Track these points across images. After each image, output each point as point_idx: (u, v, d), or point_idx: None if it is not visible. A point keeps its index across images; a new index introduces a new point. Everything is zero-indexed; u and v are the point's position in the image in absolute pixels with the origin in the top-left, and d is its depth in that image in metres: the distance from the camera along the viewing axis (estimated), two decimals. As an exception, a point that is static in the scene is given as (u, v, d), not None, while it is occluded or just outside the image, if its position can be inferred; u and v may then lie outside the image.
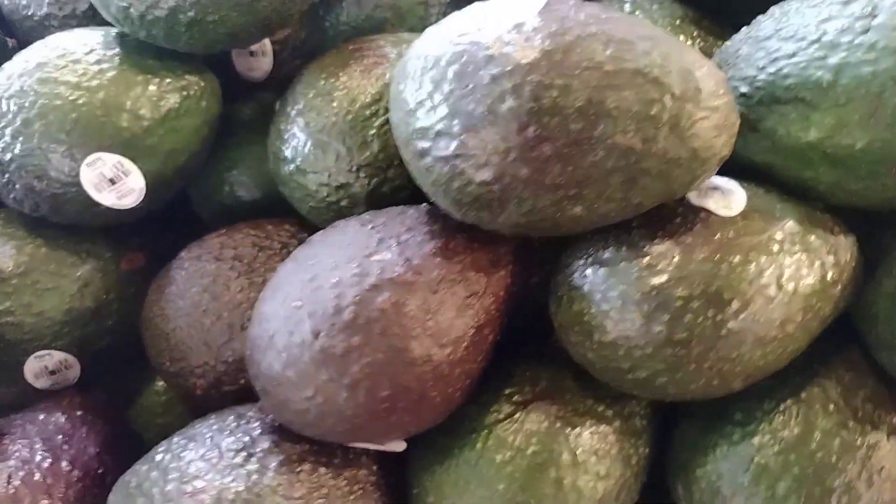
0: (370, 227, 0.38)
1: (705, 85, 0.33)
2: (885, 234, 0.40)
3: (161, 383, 0.52)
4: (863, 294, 0.40)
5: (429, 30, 0.36)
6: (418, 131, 0.34)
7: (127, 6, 0.41)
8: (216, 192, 0.52)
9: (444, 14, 0.51)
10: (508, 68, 0.32)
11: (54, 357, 0.46)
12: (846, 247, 0.38)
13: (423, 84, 0.34)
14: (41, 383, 0.47)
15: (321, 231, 0.40)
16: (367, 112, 0.42)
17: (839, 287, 0.38)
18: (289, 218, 0.48)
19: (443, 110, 0.33)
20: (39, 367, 0.46)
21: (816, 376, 0.40)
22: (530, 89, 0.31)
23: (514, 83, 0.32)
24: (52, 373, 0.47)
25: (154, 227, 0.52)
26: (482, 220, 0.36)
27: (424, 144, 0.34)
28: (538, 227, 0.35)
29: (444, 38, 0.34)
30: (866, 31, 0.35)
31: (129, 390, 0.52)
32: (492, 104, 0.32)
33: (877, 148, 0.35)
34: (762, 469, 0.38)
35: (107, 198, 0.43)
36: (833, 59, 0.35)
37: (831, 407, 0.39)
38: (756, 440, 0.39)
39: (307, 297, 0.35)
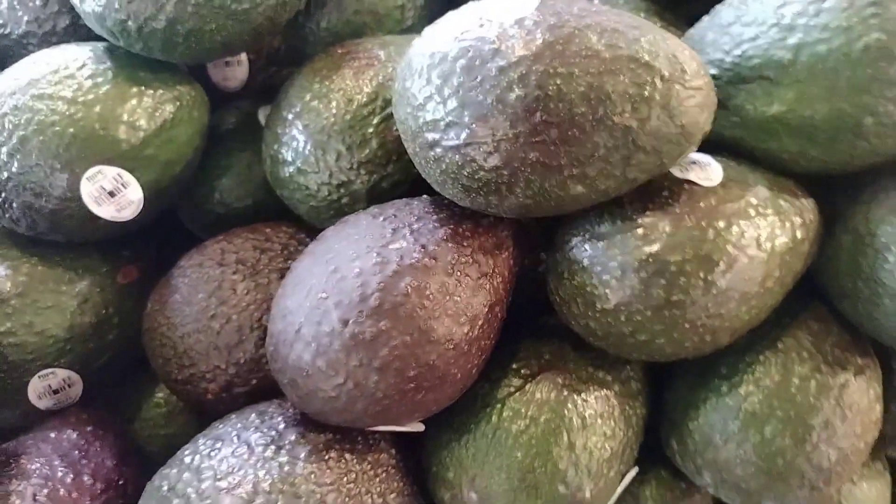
0: (381, 218, 0.40)
1: (689, 67, 0.36)
2: (838, 196, 0.45)
3: (161, 395, 0.52)
4: (823, 251, 0.44)
5: (429, 29, 0.38)
6: (428, 124, 0.36)
7: (125, 19, 0.41)
8: (206, 202, 0.52)
9: (419, 17, 0.54)
10: (514, 60, 0.34)
11: (58, 375, 0.46)
12: (809, 208, 0.43)
13: (431, 79, 0.36)
14: (44, 403, 0.46)
15: (332, 227, 0.41)
16: (365, 111, 0.44)
17: (807, 244, 0.42)
18: (283, 220, 0.49)
19: (452, 103, 0.35)
20: (43, 386, 0.46)
21: (789, 328, 0.44)
22: (536, 78, 0.34)
23: (521, 73, 0.34)
24: (56, 392, 0.46)
25: (142, 239, 0.52)
26: (490, 203, 0.38)
27: (435, 136, 0.36)
28: (542, 207, 0.38)
29: (448, 35, 0.36)
30: (819, 13, 0.39)
31: (128, 404, 0.52)
32: (500, 94, 0.34)
33: (834, 117, 0.39)
34: (750, 415, 0.42)
35: (106, 211, 0.44)
36: (792, 40, 0.39)
37: (805, 354, 0.43)
38: (742, 390, 0.43)
39: (332, 288, 0.37)
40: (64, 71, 0.43)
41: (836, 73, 0.38)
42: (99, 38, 0.46)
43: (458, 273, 0.38)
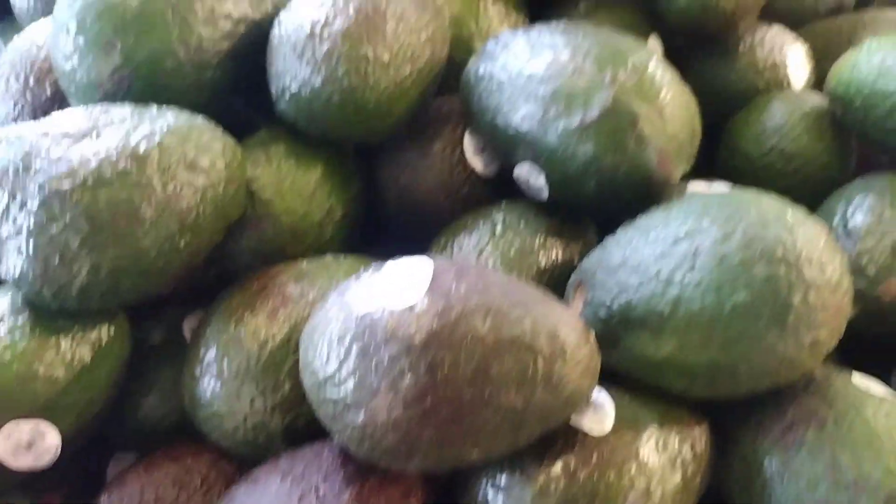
0: (290, 479, 0.41)
1: (569, 342, 0.39)
2: (729, 417, 0.47)
3: None
4: (719, 471, 0.46)
5: (332, 301, 0.41)
6: (328, 401, 0.38)
7: (39, 289, 0.43)
8: (130, 419, 0.53)
9: (339, 229, 0.57)
10: (404, 348, 0.37)
11: None
12: (701, 435, 0.45)
13: (329, 359, 0.38)
14: None
15: (242, 486, 0.42)
16: (277, 356, 0.46)
17: (699, 477, 0.44)
18: (208, 443, 0.50)
19: (350, 385, 0.37)
20: None
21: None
22: (425, 365, 0.36)
23: (411, 361, 0.36)
24: None
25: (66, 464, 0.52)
26: (392, 467, 0.40)
27: (336, 412, 0.38)
28: (442, 468, 0.40)
29: (346, 316, 0.39)
30: (693, 269, 0.42)
31: None
32: (393, 380, 0.37)
33: (712, 365, 0.42)
34: None
35: (24, 462, 0.44)
36: (669, 295, 0.43)
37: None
38: None
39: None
40: (-18, 328, 0.44)
41: (711, 327, 0.42)
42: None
43: (364, 539, 0.40)
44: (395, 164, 0.60)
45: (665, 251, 0.44)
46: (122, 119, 0.45)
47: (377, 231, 0.63)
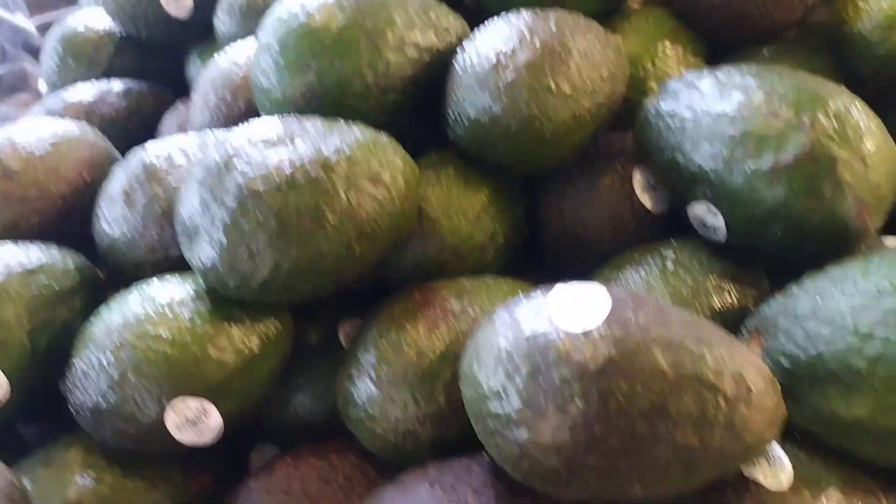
0: (439, 489, 0.41)
1: (756, 386, 0.36)
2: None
3: None
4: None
5: (500, 316, 0.40)
6: (492, 415, 0.38)
7: (224, 281, 0.46)
8: (281, 413, 0.55)
9: (499, 254, 0.57)
10: (577, 372, 0.35)
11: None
12: (889, 510, 0.40)
13: (496, 373, 0.38)
14: None
15: (390, 490, 0.42)
16: (435, 367, 0.46)
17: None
18: (353, 443, 0.50)
19: (516, 402, 0.37)
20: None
21: None
22: (598, 393, 0.35)
23: (583, 387, 0.35)
24: None
25: (218, 444, 0.54)
26: (547, 490, 0.38)
27: (497, 427, 0.38)
28: (601, 499, 0.38)
29: (517, 333, 0.38)
30: (896, 324, 0.38)
31: None
32: (562, 403, 0.35)
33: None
34: None
35: (187, 437, 0.47)
36: (869, 351, 0.39)
37: None
38: None
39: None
40: (166, 310, 0.47)
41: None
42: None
43: (510, 563, 0.38)
44: (561, 194, 0.59)
45: (866, 304, 0.40)
46: (314, 130, 0.48)
47: (532, 259, 0.63)
